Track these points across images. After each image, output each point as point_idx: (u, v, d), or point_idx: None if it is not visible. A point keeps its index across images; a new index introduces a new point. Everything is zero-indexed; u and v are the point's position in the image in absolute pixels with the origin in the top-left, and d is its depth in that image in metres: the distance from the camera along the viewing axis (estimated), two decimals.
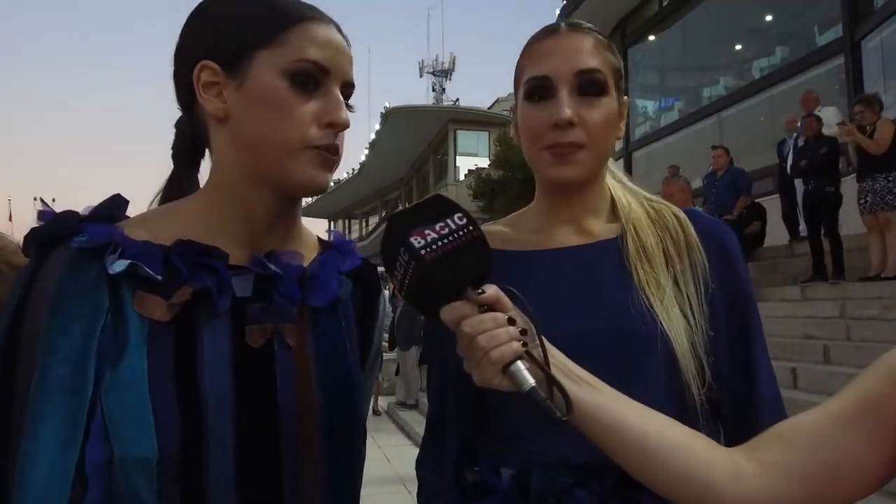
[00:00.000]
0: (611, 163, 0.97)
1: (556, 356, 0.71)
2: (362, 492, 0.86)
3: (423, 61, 34.91)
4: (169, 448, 0.66)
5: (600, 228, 0.93)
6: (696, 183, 8.55)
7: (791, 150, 6.74)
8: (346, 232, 38.74)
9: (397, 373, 8.57)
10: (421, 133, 25.86)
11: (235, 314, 0.74)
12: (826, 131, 6.14)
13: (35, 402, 0.65)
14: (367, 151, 29.59)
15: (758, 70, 10.38)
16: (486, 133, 25.28)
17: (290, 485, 0.75)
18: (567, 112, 0.84)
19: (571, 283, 0.89)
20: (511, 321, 0.66)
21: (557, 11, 14.04)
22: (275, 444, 0.74)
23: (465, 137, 25.76)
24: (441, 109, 27.10)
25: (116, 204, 0.75)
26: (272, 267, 0.76)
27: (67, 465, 0.65)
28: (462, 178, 24.66)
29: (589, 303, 0.87)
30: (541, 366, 0.67)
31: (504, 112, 23.70)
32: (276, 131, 0.72)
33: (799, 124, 6.80)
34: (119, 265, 0.67)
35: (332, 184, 0.80)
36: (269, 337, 0.75)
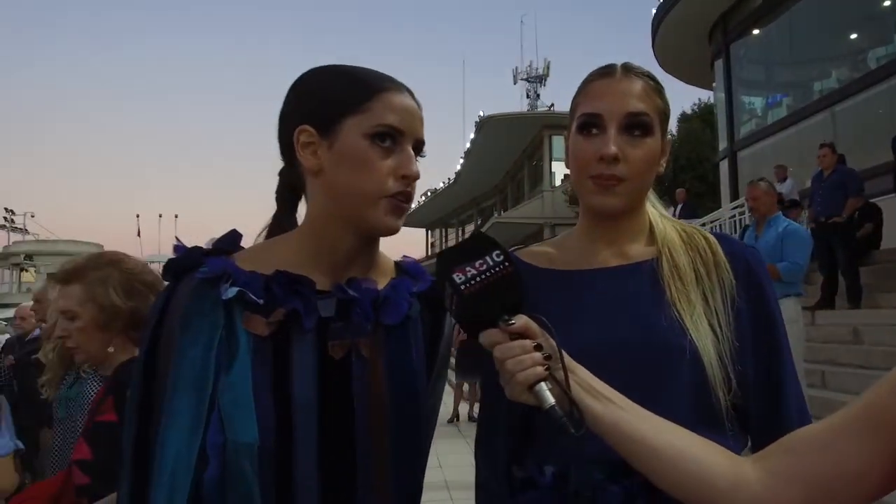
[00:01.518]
0: (652, 193, 1.07)
1: (581, 375, 0.80)
2: (453, 495, 1.00)
3: (516, 68, 34.74)
4: (266, 437, 0.83)
5: (638, 251, 1.02)
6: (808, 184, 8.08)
7: None
8: (443, 240, 39.29)
9: None
10: (515, 140, 25.86)
11: (321, 331, 0.90)
12: None
13: (170, 398, 0.84)
14: (462, 161, 29.95)
15: (874, 60, 9.65)
16: None
17: (364, 474, 0.90)
18: (613, 148, 0.95)
19: (610, 300, 0.98)
20: (538, 347, 0.77)
21: (654, 11, 13.69)
22: (351, 440, 0.90)
23: (561, 143, 25.41)
24: (535, 115, 26.97)
25: (232, 238, 0.95)
26: (351, 292, 0.92)
27: (192, 448, 0.83)
28: (558, 183, 24.42)
29: (626, 317, 0.96)
30: (561, 387, 0.77)
31: None
32: (360, 183, 0.88)
33: None
34: (231, 292, 0.86)
35: (429, 193, 0.94)
36: (347, 350, 0.91)
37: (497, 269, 0.78)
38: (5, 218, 39.64)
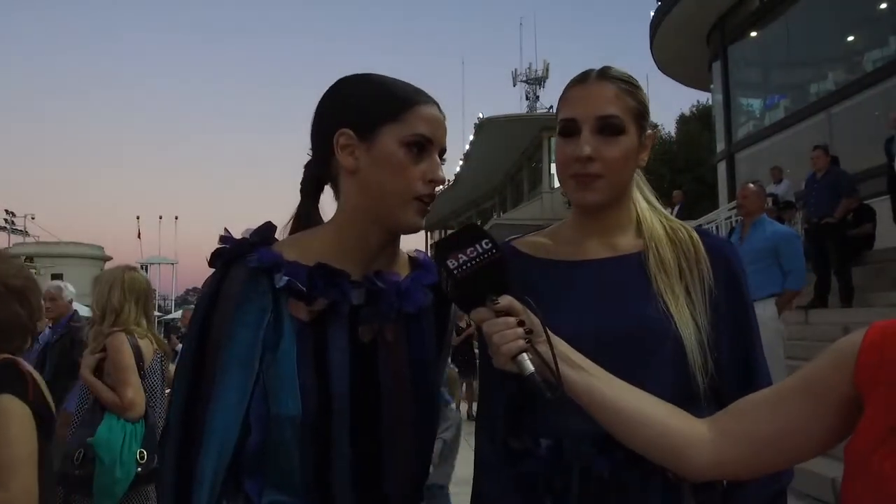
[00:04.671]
0: (644, 187, 1.16)
1: (560, 348, 0.90)
2: (455, 489, 1.07)
3: (515, 70, 34.73)
4: (308, 409, 0.94)
5: (626, 243, 1.11)
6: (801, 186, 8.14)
7: None
8: None
9: None
10: (514, 142, 25.92)
11: (352, 316, 1.01)
12: None
13: (220, 372, 0.94)
14: (461, 163, 30.00)
15: (870, 63, 9.74)
16: None
17: (389, 440, 1.02)
18: (586, 149, 1.03)
19: (600, 289, 1.08)
20: (521, 323, 0.88)
21: (652, 13, 13.77)
22: (378, 412, 1.01)
23: None
24: (534, 117, 27.02)
25: (268, 230, 1.04)
26: (379, 283, 1.03)
27: (238, 418, 0.94)
28: (557, 185, 24.48)
29: (614, 305, 1.06)
30: (541, 357, 0.88)
31: None
32: (394, 185, 0.99)
33: None
34: (282, 281, 0.96)
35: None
36: (374, 334, 1.02)
37: (485, 255, 0.89)
38: (6, 220, 39.69)
